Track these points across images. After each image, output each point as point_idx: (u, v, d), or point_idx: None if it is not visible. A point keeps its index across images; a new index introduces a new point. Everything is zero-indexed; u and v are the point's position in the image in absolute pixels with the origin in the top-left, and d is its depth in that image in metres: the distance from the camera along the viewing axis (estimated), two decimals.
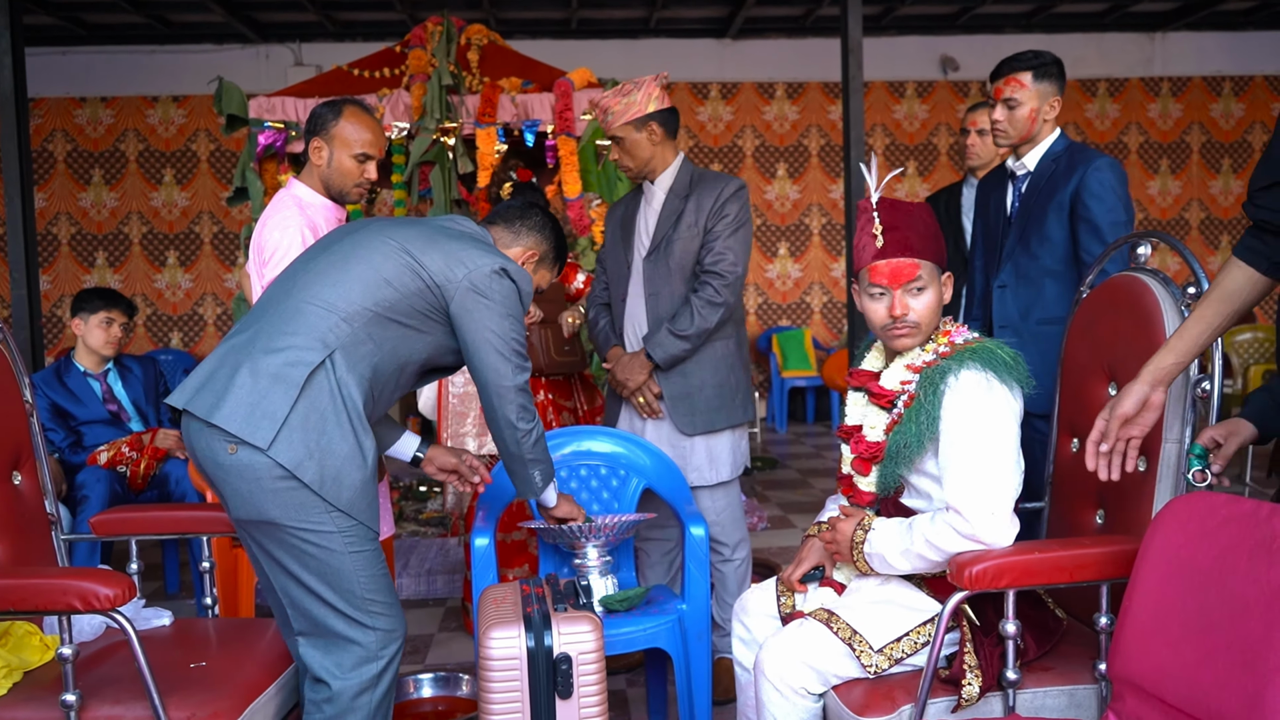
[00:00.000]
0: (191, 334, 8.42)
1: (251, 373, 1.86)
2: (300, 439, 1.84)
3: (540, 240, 2.28)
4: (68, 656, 1.71)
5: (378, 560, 1.94)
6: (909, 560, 1.84)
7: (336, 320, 1.91)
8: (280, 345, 1.89)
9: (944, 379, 1.82)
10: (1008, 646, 1.73)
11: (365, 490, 1.91)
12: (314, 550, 1.87)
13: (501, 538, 3.39)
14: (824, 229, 8.81)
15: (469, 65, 4.27)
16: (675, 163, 2.91)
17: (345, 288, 1.95)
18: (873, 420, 1.98)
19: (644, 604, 2.53)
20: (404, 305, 1.98)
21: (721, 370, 2.86)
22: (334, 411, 1.88)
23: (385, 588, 1.94)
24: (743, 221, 2.83)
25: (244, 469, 1.84)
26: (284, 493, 1.84)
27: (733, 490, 2.94)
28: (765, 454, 7.04)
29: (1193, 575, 1.46)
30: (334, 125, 2.53)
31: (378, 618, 1.92)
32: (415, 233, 2.05)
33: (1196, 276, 1.83)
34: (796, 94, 8.73)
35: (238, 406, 1.83)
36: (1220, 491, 1.60)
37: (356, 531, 1.90)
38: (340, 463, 1.87)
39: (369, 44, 7.64)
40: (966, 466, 1.78)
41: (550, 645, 1.92)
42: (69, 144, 8.26)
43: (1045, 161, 2.71)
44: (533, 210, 2.28)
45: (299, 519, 1.85)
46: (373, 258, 1.98)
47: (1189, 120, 8.94)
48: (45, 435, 3.66)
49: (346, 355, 1.91)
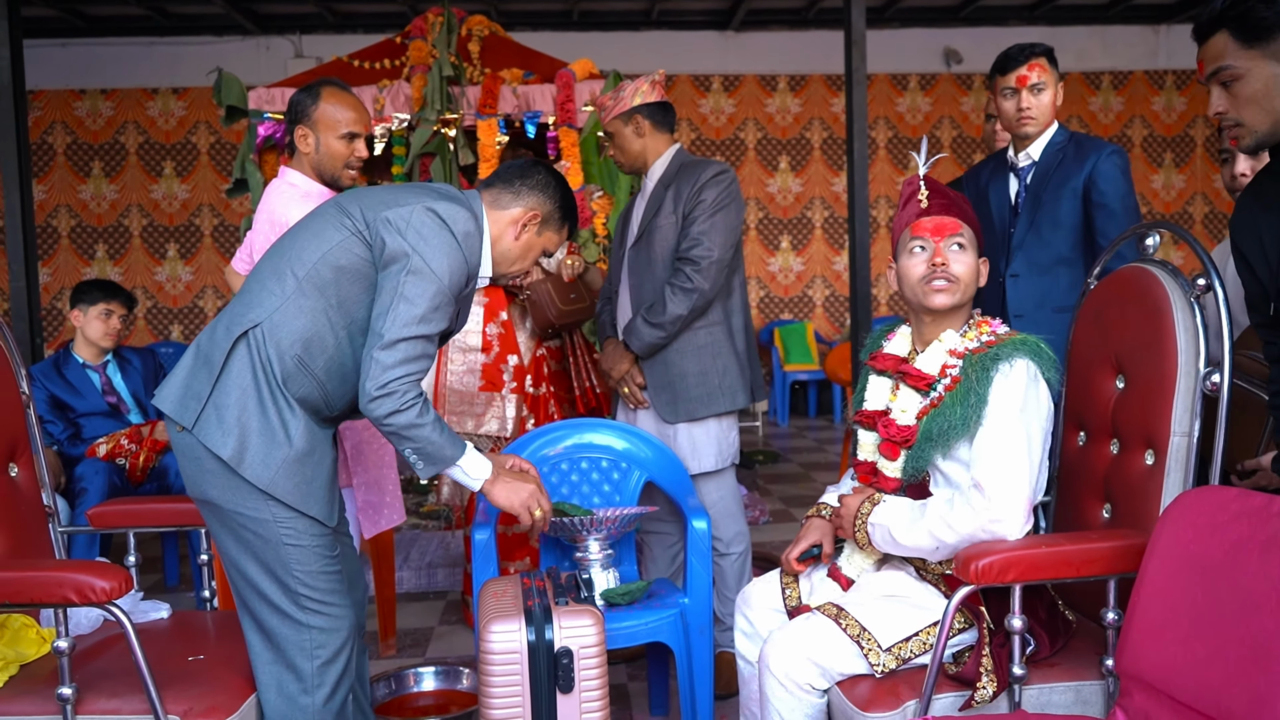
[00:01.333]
0: (192, 327, 8.40)
1: (194, 353, 1.89)
2: (219, 417, 1.82)
3: (543, 199, 2.09)
4: (64, 649, 1.69)
5: (321, 555, 1.88)
6: (913, 537, 1.82)
7: (267, 294, 1.87)
8: (218, 325, 1.89)
9: (996, 365, 1.82)
10: (1014, 642, 1.71)
11: (291, 471, 1.83)
12: (250, 536, 1.85)
13: (503, 530, 3.37)
14: (826, 222, 8.79)
15: (470, 56, 4.24)
16: (667, 154, 2.90)
17: (279, 259, 1.91)
18: (904, 403, 1.95)
19: (645, 597, 2.52)
20: (333, 261, 1.86)
21: (704, 358, 2.83)
22: (254, 386, 1.83)
23: (328, 586, 1.89)
24: (721, 206, 2.77)
25: (184, 448, 1.86)
26: (218, 474, 1.83)
27: (726, 483, 2.91)
28: (767, 447, 7.03)
29: (1202, 570, 1.44)
30: (314, 109, 2.50)
31: (312, 615, 1.86)
32: (363, 190, 1.98)
33: (1206, 268, 1.81)
34: (799, 86, 8.69)
35: (174, 388, 1.87)
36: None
37: (295, 522, 1.85)
38: (258, 440, 1.82)
39: (369, 36, 7.61)
40: (1002, 449, 1.77)
41: (551, 639, 1.90)
42: (69, 136, 8.24)
43: (1050, 151, 2.70)
44: (534, 167, 2.11)
45: (234, 502, 1.84)
46: (311, 223, 1.93)
47: (1193, 113, 8.90)
48: (44, 427, 3.67)
49: (273, 327, 1.84)
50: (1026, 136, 2.72)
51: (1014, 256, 2.70)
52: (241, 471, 1.81)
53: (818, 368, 8.18)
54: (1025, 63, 2.66)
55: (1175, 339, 1.83)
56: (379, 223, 1.87)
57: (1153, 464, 1.86)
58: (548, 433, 2.79)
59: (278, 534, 1.84)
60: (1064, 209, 2.62)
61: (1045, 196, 2.66)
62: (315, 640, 1.87)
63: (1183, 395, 1.82)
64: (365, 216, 1.89)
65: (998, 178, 2.81)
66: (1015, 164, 2.76)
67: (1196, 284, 1.84)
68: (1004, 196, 2.78)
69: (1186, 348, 1.83)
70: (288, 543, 1.85)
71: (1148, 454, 1.88)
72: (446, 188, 2.02)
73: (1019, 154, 2.76)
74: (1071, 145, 2.68)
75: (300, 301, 1.85)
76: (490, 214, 2.05)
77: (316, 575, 1.87)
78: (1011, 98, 2.69)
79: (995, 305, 2.76)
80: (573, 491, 2.76)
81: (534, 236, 2.09)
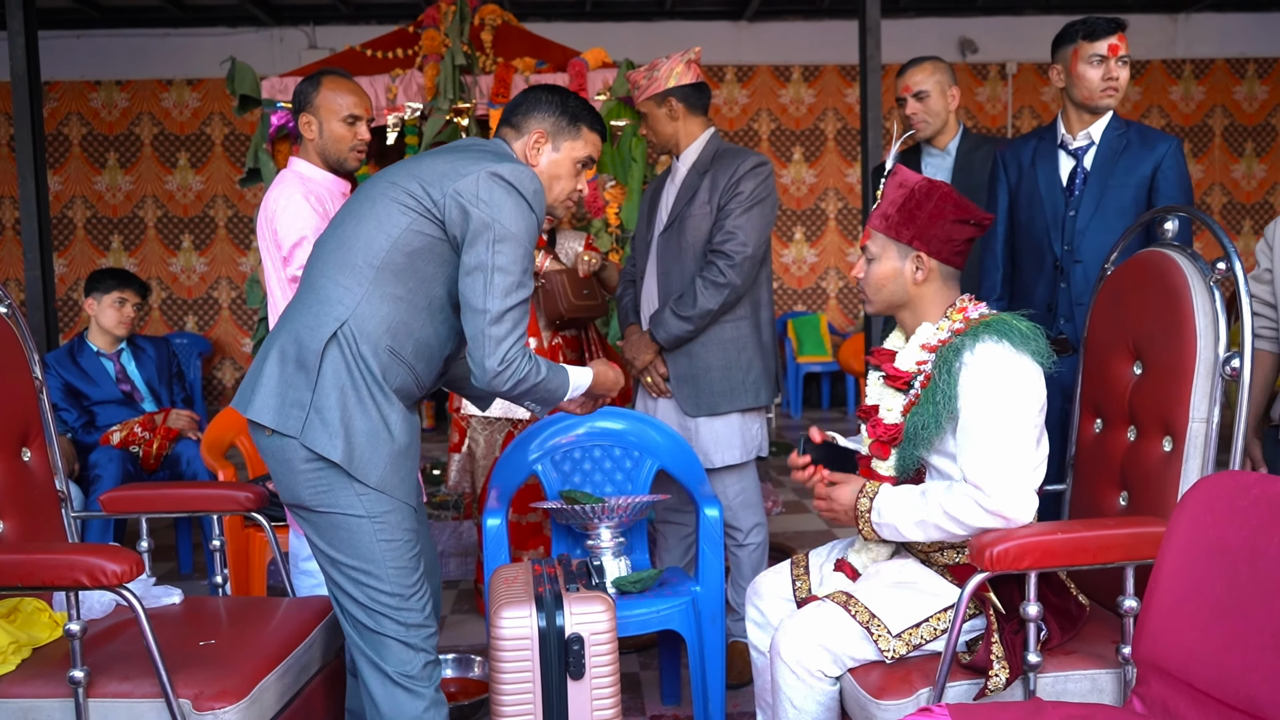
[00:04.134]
0: (206, 317, 8.43)
1: (279, 360, 1.85)
2: (323, 421, 1.81)
3: (543, 116, 2.00)
4: (75, 633, 1.69)
5: (411, 548, 1.90)
6: (924, 531, 1.81)
7: (344, 290, 1.85)
8: (299, 327, 1.86)
9: (958, 355, 1.79)
10: (1029, 629, 1.69)
11: (396, 465, 1.86)
12: (344, 536, 1.85)
13: (516, 519, 3.37)
14: (840, 213, 8.74)
15: (483, 45, 4.23)
16: (701, 138, 2.85)
17: (346, 251, 1.87)
18: (889, 402, 1.94)
19: (657, 585, 2.51)
20: (405, 246, 1.85)
21: (730, 352, 2.79)
22: (351, 386, 1.83)
23: (416, 581, 1.90)
24: (758, 200, 2.74)
25: (277, 451, 1.84)
26: (311, 474, 1.83)
27: (748, 475, 2.89)
28: (780, 439, 7.00)
29: (1222, 556, 1.42)
30: (316, 96, 2.58)
31: (407, 612, 1.88)
32: (409, 163, 1.93)
33: (1227, 252, 1.78)
34: (813, 77, 8.65)
35: (269, 398, 1.83)
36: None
37: (389, 516, 1.86)
38: (365, 439, 1.82)
39: (383, 26, 7.60)
40: (985, 440, 1.75)
41: (562, 625, 1.90)
42: (84, 127, 8.27)
43: (1112, 134, 2.65)
44: (524, 95, 2.05)
45: (328, 504, 1.84)
46: (370, 209, 1.89)
47: (1212, 103, 8.81)
48: (58, 415, 3.69)
49: (360, 322, 1.83)
50: (1098, 112, 2.65)
51: (1078, 242, 2.62)
52: (354, 472, 1.81)
53: (831, 359, 8.15)
54: (1115, 32, 2.60)
55: (1194, 324, 1.81)
56: (449, 198, 1.83)
57: (1170, 450, 1.84)
58: (560, 420, 2.78)
59: (371, 531, 1.85)
60: (1130, 196, 2.58)
61: (1112, 181, 2.60)
62: (410, 636, 1.88)
63: (1201, 381, 1.80)
64: (430, 193, 1.84)
65: (1045, 157, 2.71)
66: (1068, 143, 2.69)
67: (1216, 268, 1.81)
68: (1054, 176, 2.69)
69: (1206, 332, 1.80)
70: (381, 538, 1.85)
71: (1165, 440, 1.86)
72: (493, 145, 1.97)
73: (1076, 133, 2.68)
74: (1134, 132, 2.63)
75: (380, 291, 1.84)
76: (514, 152, 2.01)
77: (406, 571, 1.88)
78: (1099, 65, 2.59)
79: (1047, 288, 2.67)
80: (585, 480, 2.76)
81: (553, 154, 2.01)
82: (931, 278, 1.91)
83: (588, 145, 2.04)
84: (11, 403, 2.14)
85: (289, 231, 2.45)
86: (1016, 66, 8.61)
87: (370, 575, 1.86)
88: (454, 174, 1.85)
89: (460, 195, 1.83)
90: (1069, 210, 2.65)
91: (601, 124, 2.07)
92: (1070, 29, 2.67)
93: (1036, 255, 2.71)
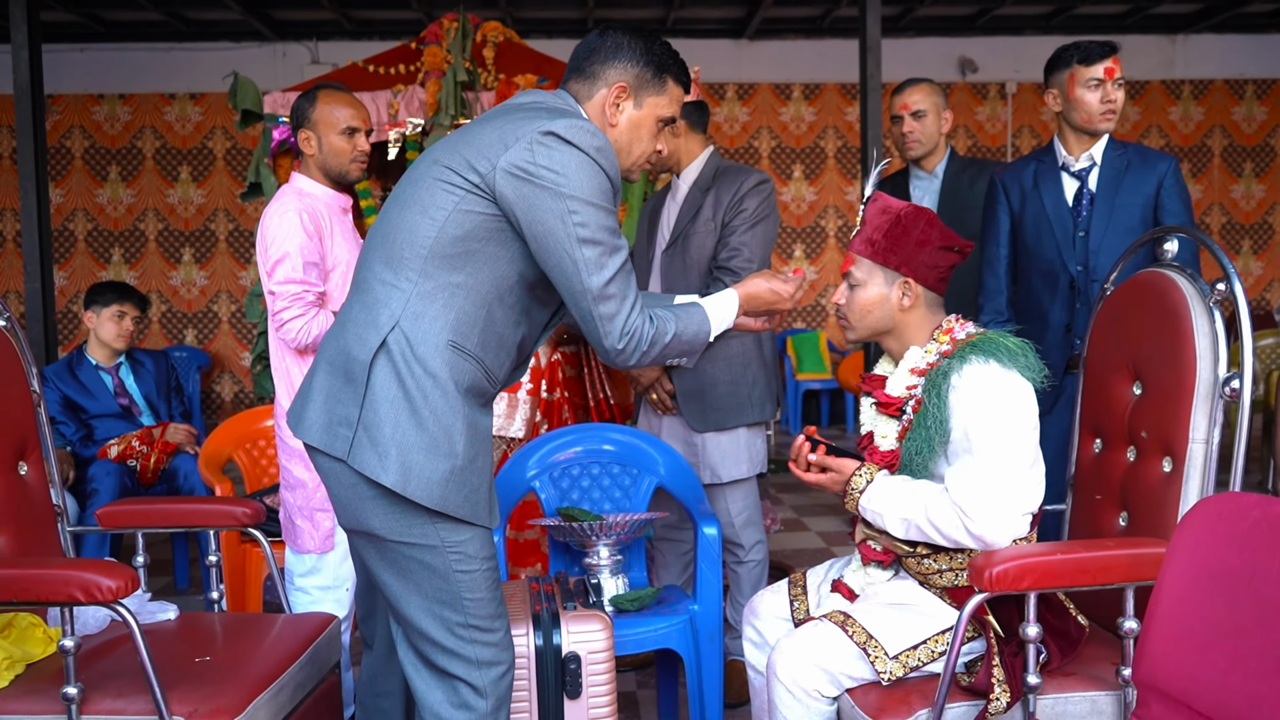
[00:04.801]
0: (206, 331, 8.43)
1: (327, 372, 1.67)
2: (371, 440, 1.60)
3: (625, 65, 1.74)
4: (69, 649, 1.68)
5: (489, 577, 1.70)
6: (906, 529, 1.81)
7: (390, 288, 1.64)
8: (347, 336, 1.66)
9: (946, 378, 1.79)
10: (1028, 651, 1.68)
11: (461, 482, 1.63)
12: (416, 568, 1.65)
13: (514, 535, 3.36)
14: (840, 231, 8.76)
15: (484, 62, 4.24)
16: (702, 156, 2.87)
17: (390, 244, 1.66)
18: (883, 429, 1.94)
19: (655, 604, 2.50)
20: (453, 231, 1.62)
21: (735, 368, 2.81)
22: (404, 398, 1.60)
23: (494, 612, 1.70)
24: (762, 216, 2.76)
25: (336, 475, 1.65)
26: (379, 500, 1.62)
27: (750, 491, 2.90)
28: (779, 456, 6.99)
29: (1223, 578, 1.41)
30: (313, 111, 2.58)
31: (480, 647, 1.68)
32: (456, 136, 1.70)
33: (1227, 273, 1.78)
34: (813, 95, 8.68)
35: (316, 415, 1.66)
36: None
37: (465, 546, 1.66)
38: (421, 455, 1.60)
39: (385, 42, 7.62)
40: (972, 461, 1.75)
41: (559, 644, 1.89)
42: (86, 140, 8.29)
43: (1113, 154, 2.68)
44: (601, 36, 1.78)
45: (398, 532, 1.63)
46: (413, 194, 1.68)
47: (1211, 123, 8.84)
48: (55, 428, 3.68)
49: (413, 322, 1.62)
50: (1096, 134, 2.67)
51: (1094, 261, 2.64)
52: (409, 495, 1.59)
53: (830, 376, 8.14)
54: (1110, 56, 2.63)
55: (1194, 344, 1.81)
56: (499, 172, 1.60)
57: (1170, 471, 1.84)
58: (559, 437, 2.78)
59: (447, 562, 1.65)
60: (1138, 216, 2.62)
61: (1119, 200, 2.63)
62: (484, 676, 1.68)
63: (1201, 402, 1.79)
64: (477, 167, 1.62)
65: (1048, 179, 2.72)
66: (1070, 165, 2.70)
67: (1216, 288, 1.81)
68: (1059, 198, 2.70)
69: (1205, 353, 1.80)
70: (458, 569, 1.65)
71: (1165, 461, 1.85)
72: (554, 99, 1.73)
73: (1078, 155, 2.70)
74: (1133, 152, 2.67)
75: (433, 282, 1.62)
76: (586, 112, 1.75)
77: (485, 602, 1.68)
78: (1097, 89, 2.62)
79: (1063, 309, 2.68)
80: (583, 496, 2.75)
81: (635, 111, 1.77)
82: (917, 304, 1.91)
83: (673, 101, 1.80)
84: (9, 416, 2.13)
85: (275, 247, 2.46)
86: (1016, 86, 8.64)
87: (440, 613, 1.66)
88: (501, 143, 1.61)
89: (512, 168, 1.60)
90: (1079, 230, 2.67)
91: (687, 75, 1.83)
92: (1064, 54, 2.69)
93: (1049, 277, 2.71)
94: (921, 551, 1.85)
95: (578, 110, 1.72)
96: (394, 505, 1.62)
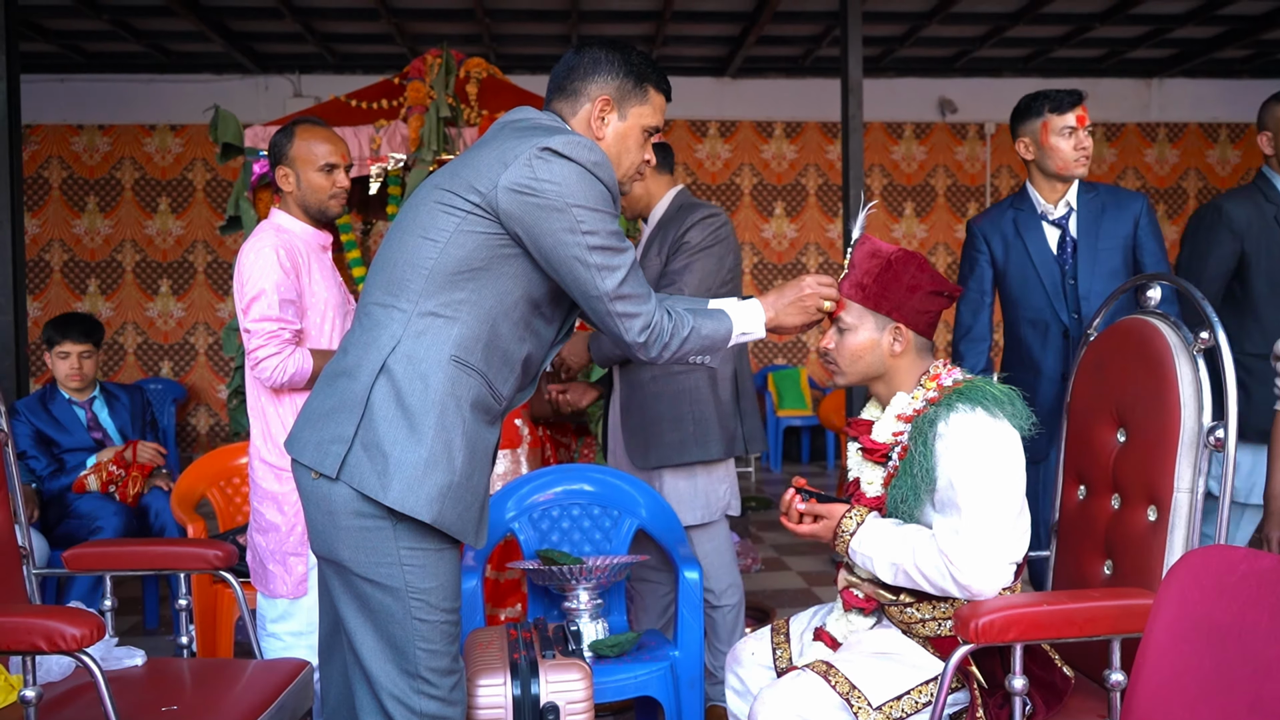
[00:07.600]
0: (182, 363, 8.35)
1: (326, 394, 1.69)
2: (369, 456, 1.62)
3: (606, 78, 1.78)
4: (31, 699, 1.63)
5: (446, 634, 1.70)
6: (894, 574, 1.79)
7: (390, 310, 1.67)
8: (349, 360, 1.69)
9: (932, 426, 1.77)
10: (1014, 703, 1.66)
11: (457, 498, 1.64)
12: (375, 607, 1.65)
13: (494, 576, 3.31)
14: (821, 268, 8.79)
15: (467, 98, 4.25)
16: (666, 197, 2.88)
17: (391, 267, 1.69)
18: (869, 475, 1.92)
19: (635, 649, 2.46)
20: (453, 252, 1.65)
21: (680, 404, 2.75)
22: (402, 416, 1.62)
23: (446, 667, 1.69)
24: (704, 247, 2.73)
25: (317, 499, 1.66)
26: (356, 531, 1.64)
27: (718, 534, 2.84)
28: (759, 494, 6.96)
29: (1210, 633, 1.39)
30: (291, 148, 2.54)
31: (426, 700, 1.66)
32: (455, 162, 1.73)
33: (1210, 321, 1.78)
34: (795, 133, 8.75)
35: (310, 434, 1.68)
36: None
37: (429, 595, 1.66)
38: (418, 472, 1.61)
39: (368, 76, 7.64)
40: (959, 512, 1.73)
41: (537, 694, 1.85)
42: (64, 171, 8.24)
43: (1085, 197, 2.71)
44: (576, 54, 1.81)
45: (365, 566, 1.64)
46: (413, 219, 1.70)
47: (1185, 166, 8.97)
48: (25, 463, 3.61)
49: (412, 344, 1.64)
50: (1069, 180, 2.70)
51: (1086, 309, 2.66)
52: (406, 511, 1.60)
53: (811, 413, 8.14)
54: (1080, 103, 2.67)
55: (1178, 393, 1.80)
56: (500, 191, 1.63)
57: (1155, 520, 1.82)
58: (538, 478, 2.74)
59: (407, 607, 1.65)
60: (1120, 259, 2.66)
61: (1101, 245, 2.66)
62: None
63: (1186, 451, 1.78)
64: (479, 187, 1.65)
65: (1030, 228, 2.73)
66: (1049, 214, 2.72)
67: (1200, 336, 1.81)
68: (1043, 246, 2.72)
69: (1189, 402, 1.80)
70: (416, 616, 1.65)
71: (1150, 510, 1.84)
72: (535, 118, 1.76)
73: (1054, 201, 2.72)
74: (1105, 193, 2.71)
75: (435, 300, 1.65)
76: (573, 128, 1.78)
77: (437, 655, 1.67)
78: (1070, 136, 2.65)
79: (1057, 358, 2.69)
80: (563, 538, 2.71)
81: (620, 122, 1.80)
82: (907, 350, 1.90)
83: (656, 110, 1.83)
84: None
85: (250, 284, 2.42)
86: (995, 126, 8.75)
87: (392, 657, 1.66)
88: (500, 162, 1.65)
89: (514, 185, 1.63)
90: (1068, 279, 2.69)
91: (667, 82, 1.86)
92: (1034, 104, 2.70)
93: (1039, 326, 2.72)
94: (905, 600, 1.83)
95: (567, 128, 1.74)
96: (365, 539, 1.63)
